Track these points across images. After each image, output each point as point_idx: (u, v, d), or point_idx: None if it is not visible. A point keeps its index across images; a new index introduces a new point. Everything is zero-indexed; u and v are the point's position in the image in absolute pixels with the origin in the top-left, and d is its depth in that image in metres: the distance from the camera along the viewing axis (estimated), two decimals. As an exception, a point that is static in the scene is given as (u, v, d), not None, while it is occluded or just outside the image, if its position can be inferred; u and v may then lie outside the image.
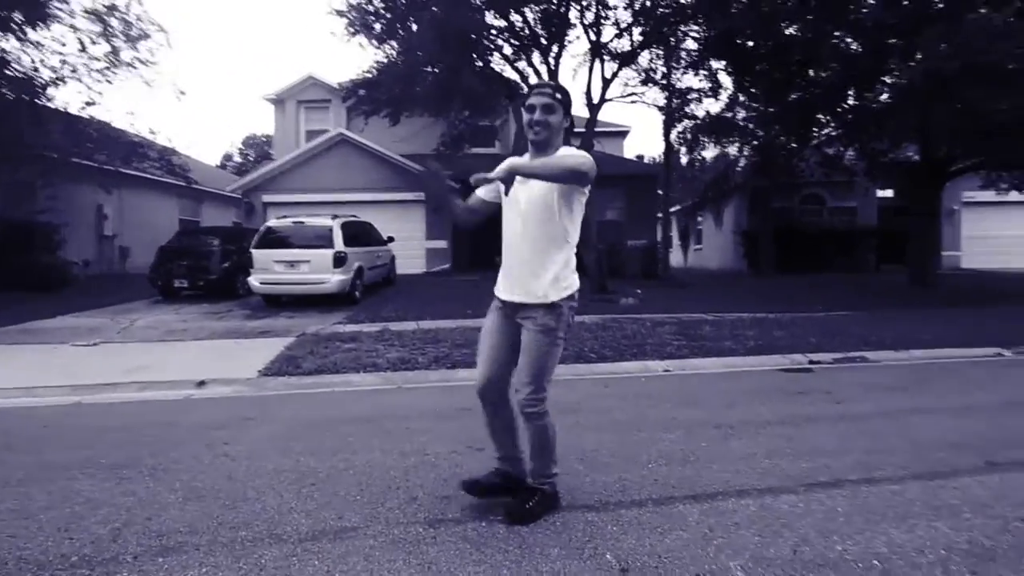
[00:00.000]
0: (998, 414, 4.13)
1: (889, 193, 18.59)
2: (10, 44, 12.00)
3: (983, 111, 8.43)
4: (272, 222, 11.03)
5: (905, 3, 10.20)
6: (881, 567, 2.10)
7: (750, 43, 12.50)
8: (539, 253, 2.36)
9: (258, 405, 4.62)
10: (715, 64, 13.88)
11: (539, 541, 2.29)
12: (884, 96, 11.75)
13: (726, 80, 14.12)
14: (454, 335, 7.40)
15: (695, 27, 13.25)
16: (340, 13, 12.66)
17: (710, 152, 16.66)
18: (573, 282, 2.42)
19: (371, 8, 12.59)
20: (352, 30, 12.75)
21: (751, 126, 13.87)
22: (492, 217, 2.64)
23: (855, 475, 2.97)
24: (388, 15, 12.53)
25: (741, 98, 14.16)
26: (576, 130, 14.46)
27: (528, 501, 2.48)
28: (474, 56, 12.64)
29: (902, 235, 17.68)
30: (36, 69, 12.37)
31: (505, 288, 2.46)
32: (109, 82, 13.22)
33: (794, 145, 13.58)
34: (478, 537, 2.32)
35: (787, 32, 11.89)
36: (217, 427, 3.93)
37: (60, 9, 12.21)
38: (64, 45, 12.69)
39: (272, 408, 4.51)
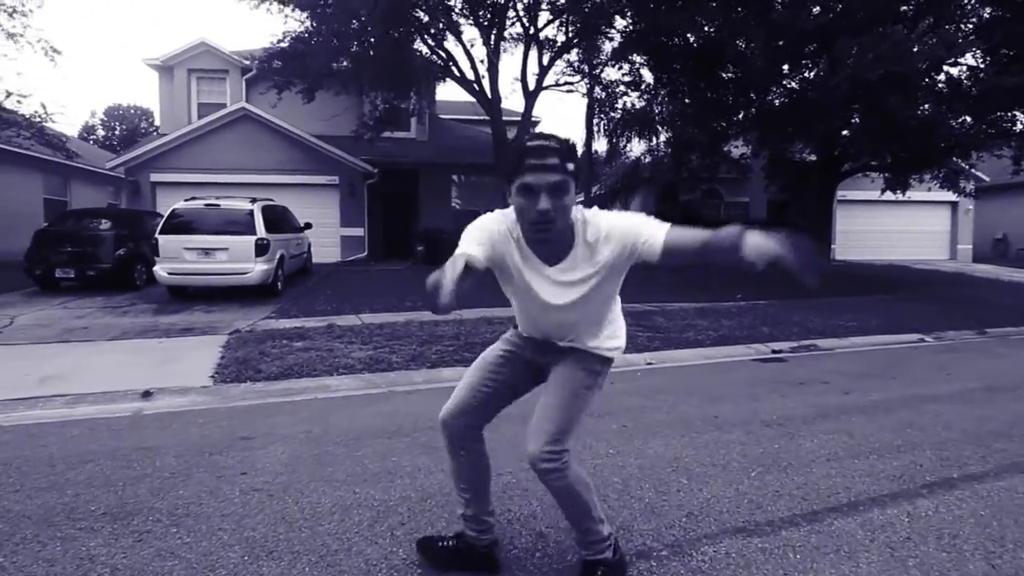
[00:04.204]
0: (995, 400, 4.44)
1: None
2: None
3: (900, 116, 9.25)
4: (180, 205, 9.62)
5: (816, 11, 11.02)
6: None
7: (672, 40, 12.85)
8: None
9: (241, 419, 3.86)
10: (638, 59, 14.14)
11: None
12: (784, 100, 12.71)
13: (648, 75, 14.48)
14: (411, 330, 6.85)
15: (622, 20, 13.41)
16: None
17: (634, 146, 17.09)
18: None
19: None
20: None
21: (671, 121, 14.30)
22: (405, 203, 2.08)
23: (954, 472, 2.99)
24: None
25: (661, 93, 14.55)
26: (510, 119, 14.22)
27: None
28: (411, 32, 11.89)
29: (787, 228, 19.37)
30: None
31: None
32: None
33: (708, 141, 14.20)
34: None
35: (707, 32, 12.40)
36: (214, 451, 3.19)
37: None
38: None
39: (261, 422, 3.78)
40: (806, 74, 12.25)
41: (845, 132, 12.21)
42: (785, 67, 12.11)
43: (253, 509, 2.48)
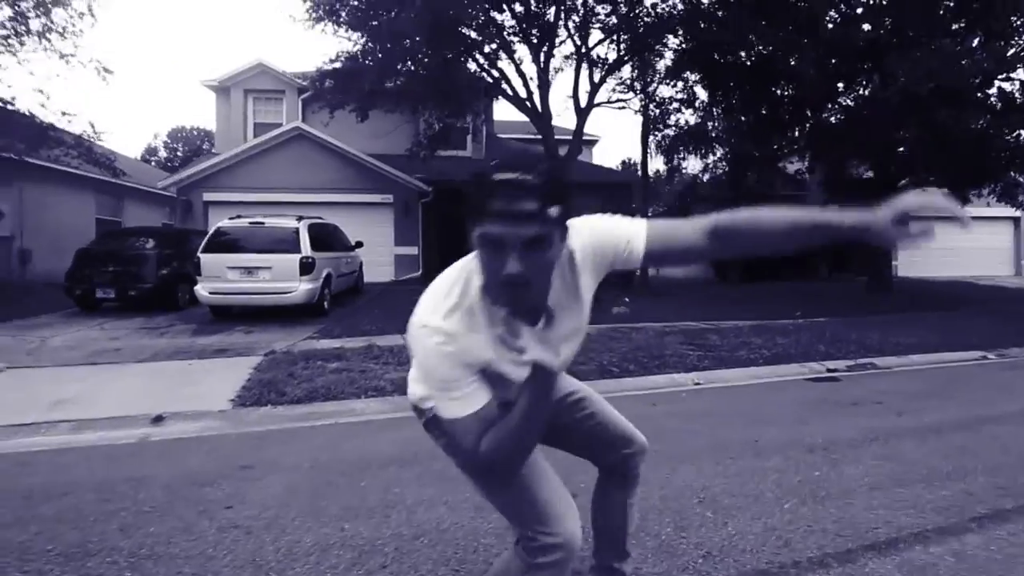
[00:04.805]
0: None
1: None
2: None
3: (953, 130, 8.92)
4: (224, 223, 9.70)
5: (867, 28, 10.67)
6: None
7: (725, 58, 12.62)
8: None
9: (248, 447, 3.70)
10: (691, 76, 13.89)
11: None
12: (840, 117, 12.27)
13: (702, 93, 14.26)
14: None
15: (674, 39, 13.19)
16: None
17: (691, 163, 16.80)
18: None
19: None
20: (315, 15, 11.74)
21: (726, 138, 14.05)
22: (460, 221, 1.21)
23: (1008, 503, 2.69)
24: (357, 2, 11.59)
25: (716, 111, 14.27)
26: (563, 137, 14.05)
27: None
28: (461, 51, 11.96)
29: (849, 245, 18.49)
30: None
31: None
32: (13, 54, 11.22)
33: (764, 158, 13.87)
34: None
35: (759, 49, 12.08)
36: (206, 482, 2.99)
37: None
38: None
39: (269, 450, 3.60)
40: (860, 91, 11.92)
41: (901, 148, 11.88)
42: (840, 84, 11.78)
43: (224, 549, 2.24)
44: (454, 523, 2.47)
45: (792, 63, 10.75)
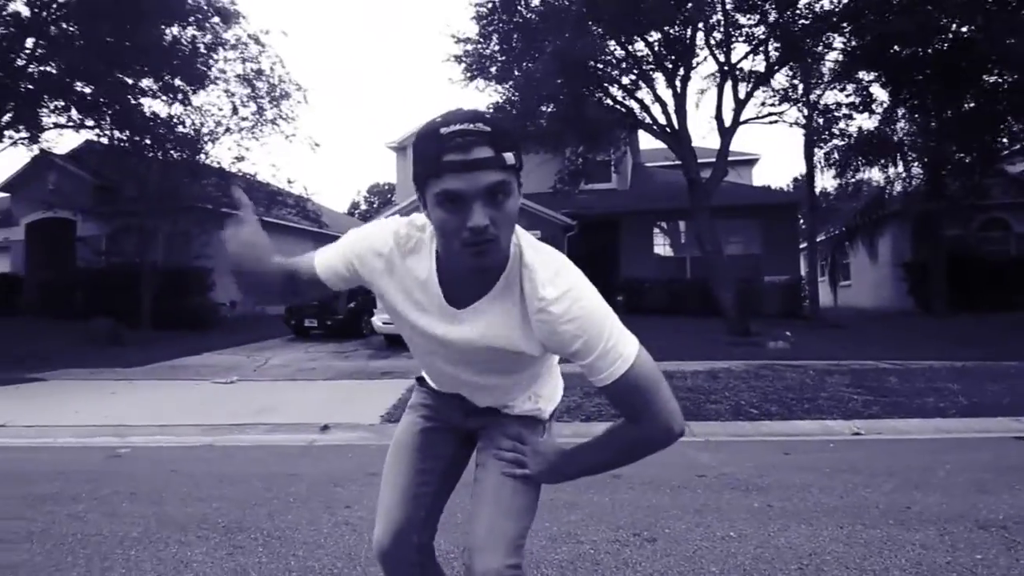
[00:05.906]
0: None
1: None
2: (176, 109, 13.65)
3: None
4: (394, 262, 11.21)
5: None
6: None
7: (909, 49, 11.09)
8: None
9: (382, 456, 4.18)
10: (865, 76, 12.42)
11: None
12: None
13: (880, 93, 12.61)
14: (577, 380, 6.66)
15: (839, 37, 11.97)
16: (458, 59, 13.00)
17: (874, 174, 14.81)
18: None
19: (487, 52, 12.85)
20: (469, 75, 13.03)
21: (917, 142, 12.19)
22: (606, 253, 1.06)
23: None
24: (503, 57, 12.72)
25: (900, 112, 12.53)
26: (706, 160, 13.61)
27: None
28: (593, 88, 12.30)
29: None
30: (197, 130, 13.82)
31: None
32: (256, 139, 14.47)
33: (972, 162, 11.72)
34: None
35: (957, 32, 10.42)
36: (339, 483, 3.53)
37: (217, 77, 13.66)
38: (220, 110, 14.16)
39: (396, 461, 4.07)
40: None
41: None
42: None
43: (331, 540, 2.66)
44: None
45: (1010, 42, 8.96)
